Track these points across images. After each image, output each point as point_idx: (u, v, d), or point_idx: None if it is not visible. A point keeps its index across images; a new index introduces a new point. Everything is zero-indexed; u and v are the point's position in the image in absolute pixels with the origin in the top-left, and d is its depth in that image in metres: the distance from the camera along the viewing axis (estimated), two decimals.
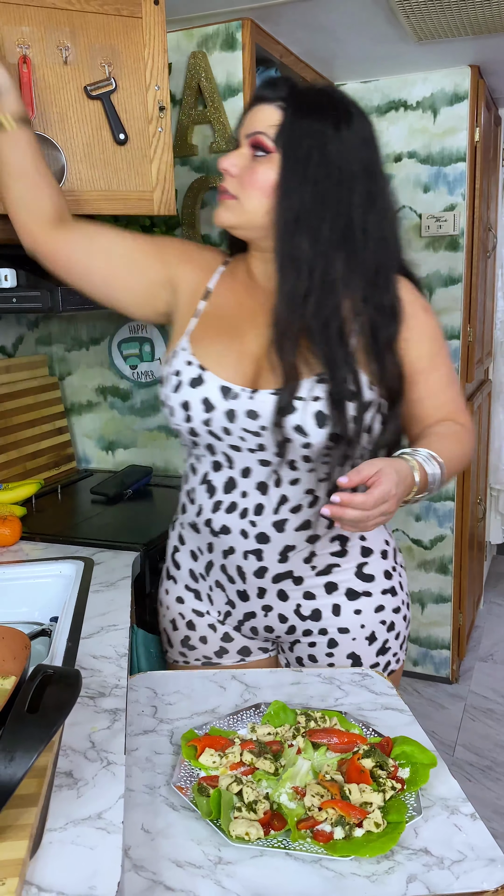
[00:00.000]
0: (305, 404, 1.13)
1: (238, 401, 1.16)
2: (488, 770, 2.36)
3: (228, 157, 1.15)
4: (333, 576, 1.26)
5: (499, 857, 0.81)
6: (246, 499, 1.21)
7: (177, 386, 1.20)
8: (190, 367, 1.20)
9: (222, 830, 0.83)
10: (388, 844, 0.80)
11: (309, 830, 0.83)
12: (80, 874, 0.69)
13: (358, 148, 1.12)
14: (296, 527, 1.21)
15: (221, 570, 1.28)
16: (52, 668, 0.82)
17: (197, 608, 1.34)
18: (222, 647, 1.34)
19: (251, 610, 1.28)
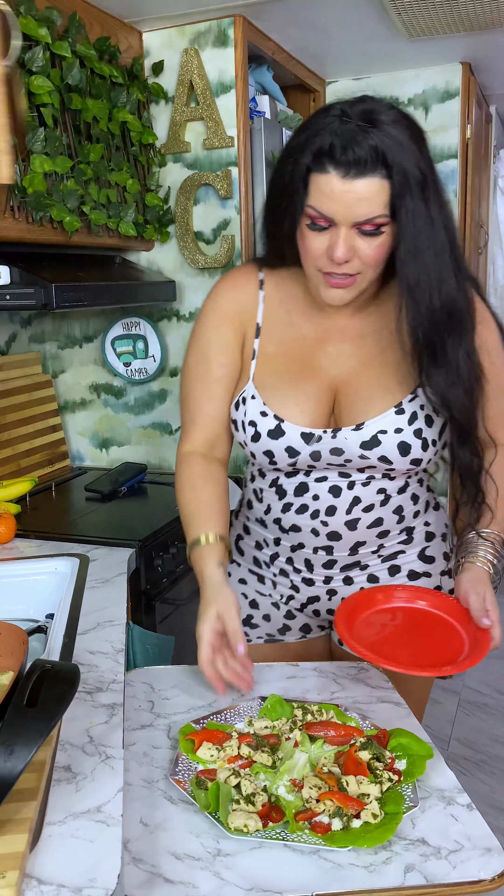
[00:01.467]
0: (389, 436, 1.14)
1: (321, 443, 1.15)
2: (482, 764, 2.38)
3: (339, 247, 1.03)
4: (397, 560, 1.28)
5: (495, 847, 0.82)
6: (317, 501, 1.20)
7: (254, 436, 1.17)
8: (266, 419, 1.17)
9: (221, 823, 0.83)
10: (385, 835, 0.81)
11: (307, 822, 0.84)
12: (80, 867, 0.69)
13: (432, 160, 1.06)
14: (367, 525, 1.22)
15: (287, 562, 1.28)
16: (50, 663, 0.82)
17: (260, 590, 1.34)
18: (286, 624, 1.34)
19: (315, 594, 1.29)
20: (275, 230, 1.15)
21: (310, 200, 1.03)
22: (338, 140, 0.99)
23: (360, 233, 1.03)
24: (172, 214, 2.09)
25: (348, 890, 0.76)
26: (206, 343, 1.23)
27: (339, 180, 1.00)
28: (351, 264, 1.06)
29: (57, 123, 1.67)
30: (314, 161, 1.01)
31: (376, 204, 1.01)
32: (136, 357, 2.22)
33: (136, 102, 1.93)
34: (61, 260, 1.80)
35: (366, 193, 1.00)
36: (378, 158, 0.99)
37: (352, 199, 1.00)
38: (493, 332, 1.20)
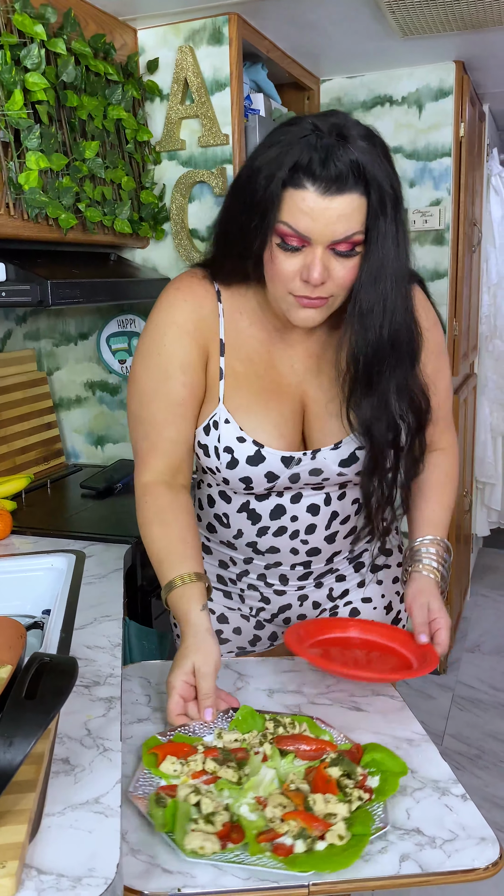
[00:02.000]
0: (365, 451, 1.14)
1: (301, 465, 1.14)
2: (476, 759, 2.39)
3: (315, 268, 0.98)
4: (362, 557, 1.31)
5: (489, 836, 0.83)
6: (296, 522, 1.19)
7: (231, 462, 1.12)
8: (244, 444, 1.11)
9: (176, 844, 0.78)
10: (350, 859, 0.77)
11: (269, 843, 0.79)
12: (79, 856, 0.70)
13: None
14: (344, 535, 1.23)
15: (259, 578, 1.27)
16: (48, 656, 0.82)
17: (227, 604, 1.33)
18: (256, 635, 1.34)
19: (287, 602, 1.29)
20: (238, 250, 1.06)
21: (283, 217, 0.97)
22: (316, 154, 0.94)
23: (334, 254, 0.99)
24: (167, 212, 2.09)
25: (344, 879, 0.77)
26: (166, 360, 1.12)
27: (317, 197, 0.94)
28: (325, 287, 1.01)
29: (52, 120, 1.67)
30: (290, 176, 0.95)
31: (354, 221, 0.97)
32: (132, 354, 2.22)
33: (131, 100, 1.94)
34: (57, 257, 1.80)
35: (345, 210, 0.95)
36: (358, 174, 0.95)
37: (330, 216, 0.95)
38: (437, 335, 1.20)
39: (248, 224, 1.01)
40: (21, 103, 1.53)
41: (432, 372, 1.16)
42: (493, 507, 3.71)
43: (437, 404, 1.18)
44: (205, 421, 1.14)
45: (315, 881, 0.77)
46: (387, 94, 2.64)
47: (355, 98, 2.67)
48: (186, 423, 1.14)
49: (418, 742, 1.00)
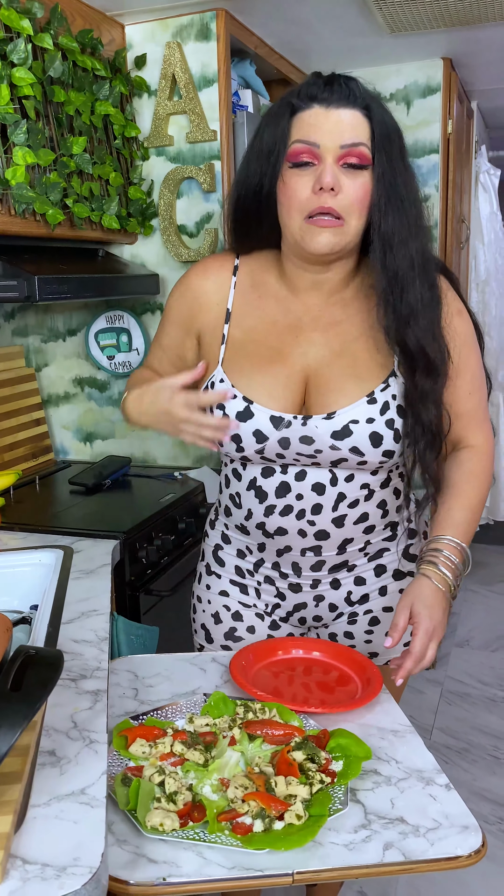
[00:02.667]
0: (361, 426, 1.13)
1: (290, 429, 1.14)
2: (464, 752, 2.41)
3: (327, 173, 1.04)
4: (383, 559, 1.27)
5: (472, 825, 0.84)
6: (301, 501, 1.18)
7: None
8: (234, 400, 1.16)
9: (137, 821, 0.81)
10: (305, 838, 0.79)
11: (228, 823, 0.82)
12: (65, 846, 0.71)
13: None
14: (354, 520, 1.20)
15: (273, 567, 1.27)
16: (34, 649, 0.83)
17: (243, 601, 1.32)
18: (269, 635, 1.32)
19: (302, 601, 1.28)
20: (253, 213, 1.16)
21: (294, 136, 1.07)
22: (319, 82, 1.06)
23: (344, 167, 1.06)
24: (156, 208, 2.09)
25: (329, 867, 0.78)
26: (166, 312, 1.30)
27: (323, 110, 1.05)
28: (338, 200, 1.06)
29: (39, 116, 1.67)
30: (298, 100, 1.07)
31: (359, 131, 1.06)
32: (120, 350, 2.22)
33: (118, 96, 1.93)
34: (44, 253, 1.80)
35: (350, 121, 1.05)
36: (359, 98, 1.06)
37: (336, 124, 1.05)
38: (468, 325, 1.19)
39: (261, 167, 1.11)
40: (7, 98, 1.53)
41: (460, 360, 1.16)
42: None
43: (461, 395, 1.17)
44: (204, 383, 1.21)
45: (299, 869, 0.77)
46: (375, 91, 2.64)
47: None
48: (162, 367, 1.31)
49: (403, 733, 1.01)
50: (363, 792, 0.89)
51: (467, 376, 1.18)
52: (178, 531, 1.85)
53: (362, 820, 0.85)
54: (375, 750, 0.96)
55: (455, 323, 1.14)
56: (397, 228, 1.08)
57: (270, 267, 1.21)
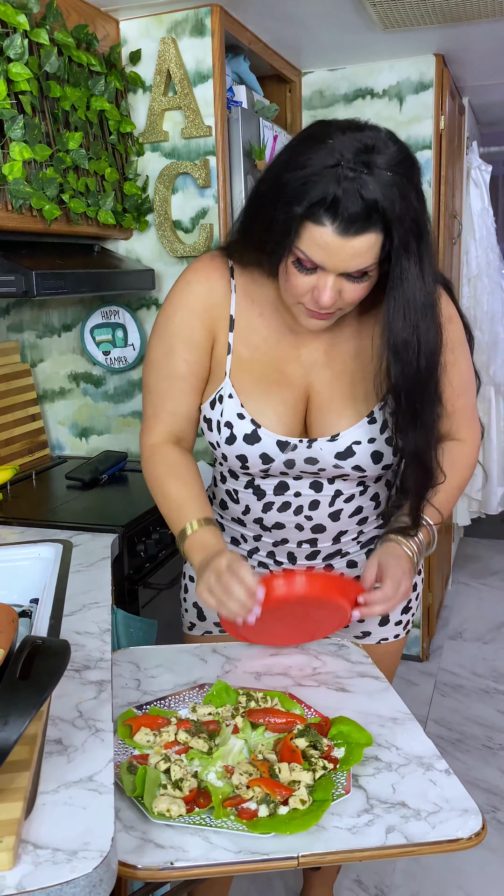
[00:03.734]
0: (363, 447, 1.16)
1: (296, 452, 1.16)
2: (458, 743, 2.43)
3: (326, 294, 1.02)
4: (373, 543, 1.30)
5: (472, 808, 0.86)
6: (299, 498, 1.21)
7: (230, 438, 1.17)
8: (242, 422, 1.16)
9: (144, 807, 0.82)
10: (310, 822, 0.80)
11: (234, 808, 0.83)
12: (74, 831, 0.72)
13: None
14: (349, 514, 1.24)
15: (268, 556, 1.29)
16: (40, 639, 0.84)
17: None
18: None
19: None
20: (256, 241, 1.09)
21: (301, 245, 1.00)
22: (338, 193, 0.94)
23: (347, 278, 1.03)
24: (151, 203, 2.10)
25: (332, 850, 0.79)
26: (172, 336, 1.19)
27: (334, 236, 0.97)
28: (334, 307, 1.06)
29: (35, 111, 1.67)
30: (310, 211, 0.96)
31: (369, 257, 1.00)
32: (116, 346, 2.23)
33: (114, 91, 1.94)
34: (40, 248, 1.80)
35: (361, 249, 0.98)
36: (378, 215, 0.96)
37: (346, 254, 0.98)
38: (459, 330, 1.21)
39: (268, 232, 1.03)
40: (4, 93, 1.53)
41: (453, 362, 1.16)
42: (473, 496, 3.76)
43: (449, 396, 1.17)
44: (211, 395, 1.19)
45: (304, 853, 0.79)
46: (368, 87, 2.66)
47: (336, 91, 2.68)
48: (186, 398, 1.20)
49: (402, 720, 1.03)
50: (365, 777, 0.91)
51: (456, 379, 1.19)
52: None
53: (365, 805, 0.86)
54: (376, 737, 0.98)
55: (447, 330, 1.13)
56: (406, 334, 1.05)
57: (266, 282, 1.18)
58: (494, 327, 3.66)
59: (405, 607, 1.36)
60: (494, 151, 3.85)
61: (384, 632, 1.35)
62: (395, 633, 1.37)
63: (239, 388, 1.18)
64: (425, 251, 1.02)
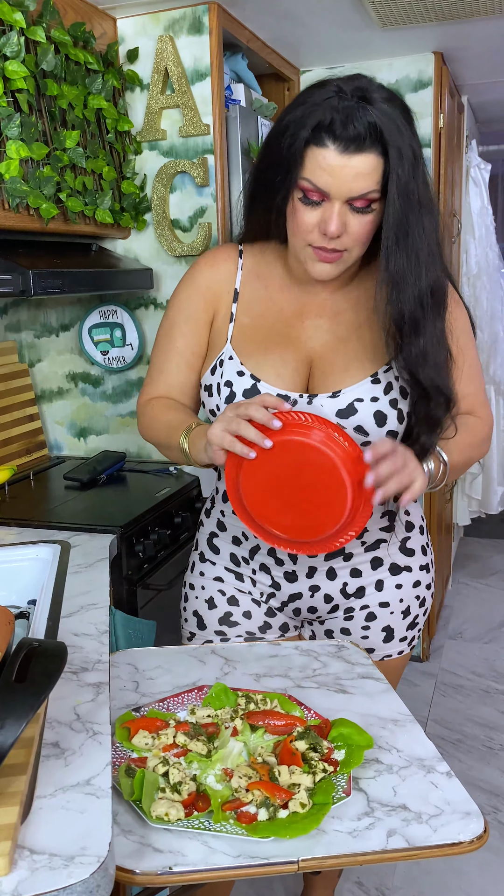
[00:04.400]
0: (365, 405, 1.14)
1: (296, 407, 1.15)
2: (459, 743, 2.43)
3: (333, 222, 1.05)
4: (380, 551, 1.28)
5: (473, 811, 0.85)
6: None
7: (229, 397, 1.18)
8: (242, 378, 1.18)
9: (142, 811, 0.81)
10: (310, 825, 0.79)
11: (233, 812, 0.82)
12: (71, 836, 0.71)
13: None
14: None
15: (269, 553, 1.27)
16: (37, 641, 0.83)
17: (239, 587, 1.32)
18: (266, 621, 1.32)
19: (297, 591, 1.28)
20: (263, 205, 1.16)
21: (305, 173, 1.05)
22: (338, 115, 1.01)
23: (351, 209, 1.06)
24: (149, 202, 2.09)
25: (333, 854, 0.78)
26: (176, 313, 1.26)
27: (336, 155, 1.02)
28: (341, 240, 1.08)
29: (32, 109, 1.66)
30: (313, 135, 1.03)
31: (371, 180, 1.04)
32: (114, 345, 2.22)
33: (111, 89, 1.93)
34: (38, 247, 1.79)
35: (363, 169, 1.03)
36: (376, 136, 1.02)
37: (348, 174, 1.03)
38: (464, 315, 1.23)
39: (273, 178, 1.09)
40: (0, 91, 1.53)
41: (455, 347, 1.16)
42: (473, 496, 3.75)
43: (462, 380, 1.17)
44: (212, 363, 1.22)
45: (304, 857, 0.78)
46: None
47: None
48: (181, 372, 1.26)
49: (403, 722, 1.02)
50: (365, 780, 0.90)
51: (468, 362, 1.20)
52: (175, 525, 1.85)
53: (365, 808, 0.85)
54: (376, 739, 0.97)
55: (455, 312, 1.16)
56: (404, 269, 1.07)
57: (274, 259, 1.24)
58: (494, 326, 3.65)
59: (412, 622, 1.33)
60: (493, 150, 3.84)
61: (388, 648, 1.32)
62: (400, 650, 1.34)
63: (239, 350, 1.20)
64: (422, 184, 1.06)
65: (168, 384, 1.28)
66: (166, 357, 1.27)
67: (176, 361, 1.26)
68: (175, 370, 1.27)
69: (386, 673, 1.30)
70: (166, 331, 1.28)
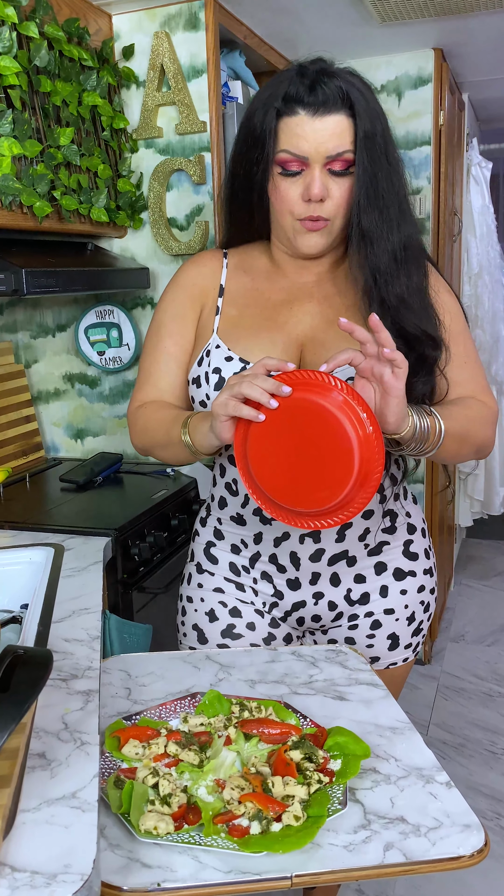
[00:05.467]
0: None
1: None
2: (461, 747, 2.40)
3: (315, 183, 1.07)
4: (383, 555, 1.25)
5: (473, 823, 0.82)
6: None
7: (217, 384, 1.17)
8: (231, 363, 1.17)
9: (131, 825, 0.78)
10: (304, 839, 0.76)
11: (225, 825, 0.79)
12: (55, 852, 0.68)
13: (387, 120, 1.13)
14: None
15: (270, 560, 1.23)
16: (22, 649, 0.80)
17: (240, 597, 1.28)
18: (270, 633, 1.28)
19: (301, 599, 1.24)
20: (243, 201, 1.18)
21: (281, 145, 1.09)
22: (303, 85, 1.07)
23: (331, 173, 1.09)
24: (145, 200, 2.06)
25: (328, 870, 0.76)
26: (161, 315, 1.27)
27: (308, 119, 1.07)
28: (324, 206, 1.10)
29: (25, 106, 1.64)
30: (284, 105, 1.08)
31: (344, 139, 1.07)
32: (111, 346, 2.19)
33: (106, 86, 1.90)
34: (32, 246, 1.77)
35: (335, 129, 1.07)
36: (343, 98, 1.07)
37: (322, 135, 1.07)
38: (454, 301, 1.22)
39: (251, 163, 1.12)
40: None
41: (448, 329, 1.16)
42: (475, 497, 3.72)
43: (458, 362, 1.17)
44: (199, 354, 1.22)
45: (298, 872, 0.75)
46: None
47: None
48: (169, 372, 1.25)
49: (402, 730, 0.99)
50: (362, 791, 0.87)
51: (461, 346, 1.19)
52: (171, 528, 1.83)
53: (362, 820, 0.82)
54: (374, 748, 0.94)
55: (443, 298, 1.18)
56: (375, 225, 1.10)
57: (259, 254, 1.25)
58: (495, 326, 3.63)
59: (416, 629, 1.30)
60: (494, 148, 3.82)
61: (394, 656, 1.29)
62: (405, 657, 1.31)
63: (226, 338, 1.20)
64: (391, 147, 1.11)
65: (158, 388, 1.26)
66: (154, 359, 1.26)
67: (165, 362, 1.25)
68: (164, 371, 1.25)
69: (390, 681, 1.28)
70: (153, 333, 1.27)
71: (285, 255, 1.20)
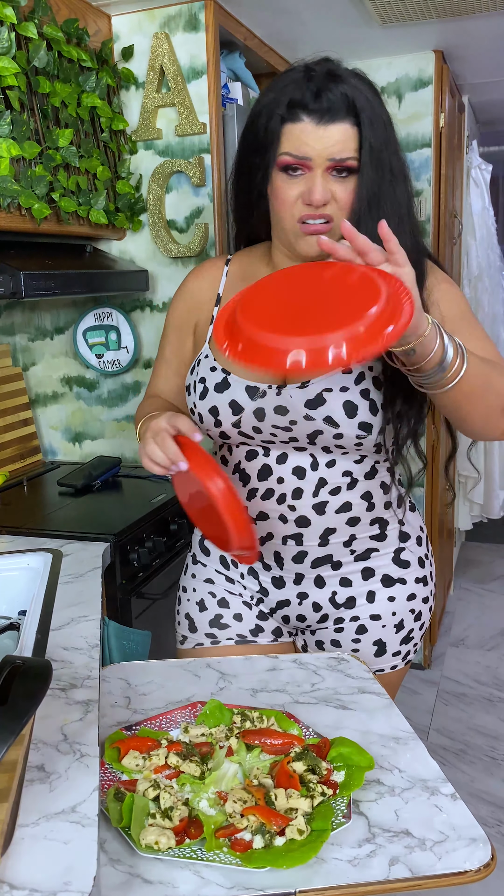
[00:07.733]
0: (334, 395, 1.11)
1: (265, 400, 1.14)
2: (462, 753, 2.38)
3: (317, 189, 1.05)
4: (371, 561, 1.24)
5: (480, 837, 0.81)
6: (282, 484, 1.18)
7: (203, 393, 1.18)
8: (214, 373, 1.18)
9: (131, 839, 0.77)
10: (308, 854, 0.75)
11: (227, 839, 0.78)
12: (54, 870, 0.67)
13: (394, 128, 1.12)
14: (336, 509, 1.18)
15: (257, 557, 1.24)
16: (20, 659, 0.79)
17: (229, 589, 1.30)
18: (258, 625, 1.29)
19: (285, 598, 1.25)
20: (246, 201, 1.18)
21: (284, 148, 1.07)
22: (309, 91, 1.04)
23: (334, 176, 1.07)
24: (144, 202, 2.05)
25: (332, 885, 0.74)
26: (166, 321, 1.32)
27: (313, 127, 1.05)
28: (329, 208, 1.08)
29: (24, 107, 1.62)
30: (287, 111, 1.06)
31: (348, 147, 1.06)
32: (109, 348, 2.18)
33: (105, 87, 1.89)
34: (30, 248, 1.76)
35: (339, 137, 1.05)
36: (349, 106, 1.05)
37: (326, 142, 1.05)
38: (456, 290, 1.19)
39: (253, 165, 1.12)
40: None
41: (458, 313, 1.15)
42: (475, 500, 3.71)
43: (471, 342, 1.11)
44: (193, 363, 1.25)
45: (302, 888, 0.74)
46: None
47: None
48: (168, 380, 1.33)
49: (406, 740, 0.98)
50: (366, 803, 0.86)
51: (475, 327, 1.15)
52: (171, 532, 1.81)
53: (366, 833, 0.81)
54: (377, 758, 0.93)
55: (443, 287, 1.15)
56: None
57: (259, 260, 1.25)
58: (496, 328, 3.62)
59: (406, 637, 1.28)
60: (494, 151, 3.81)
61: (381, 662, 1.27)
62: (393, 665, 1.29)
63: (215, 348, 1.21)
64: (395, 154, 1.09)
65: (159, 388, 1.35)
66: (158, 363, 1.35)
67: (164, 369, 1.33)
68: (163, 376, 1.34)
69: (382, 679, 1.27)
70: (161, 338, 1.34)
71: (286, 259, 1.19)
